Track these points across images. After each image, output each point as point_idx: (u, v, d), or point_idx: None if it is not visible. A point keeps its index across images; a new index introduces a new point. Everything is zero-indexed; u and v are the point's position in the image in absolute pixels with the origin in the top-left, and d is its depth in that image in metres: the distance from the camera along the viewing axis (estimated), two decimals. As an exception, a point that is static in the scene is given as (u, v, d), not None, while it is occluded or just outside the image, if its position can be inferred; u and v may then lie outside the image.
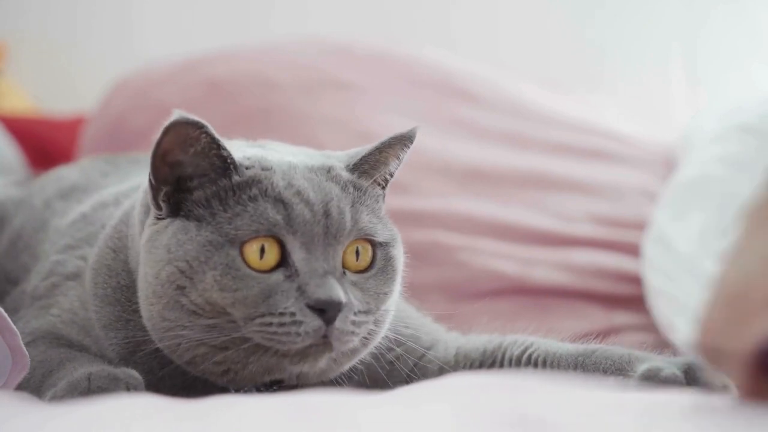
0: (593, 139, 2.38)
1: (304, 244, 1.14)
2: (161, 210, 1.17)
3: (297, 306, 1.11)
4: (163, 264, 1.14)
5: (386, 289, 1.20)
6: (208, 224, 1.14)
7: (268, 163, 1.18)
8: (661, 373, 1.15)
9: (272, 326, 1.11)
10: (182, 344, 1.15)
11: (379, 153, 1.24)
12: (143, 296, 1.18)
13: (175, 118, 1.14)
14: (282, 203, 1.14)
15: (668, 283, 1.94)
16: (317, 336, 1.12)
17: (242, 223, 1.13)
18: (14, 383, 1.19)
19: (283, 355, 1.14)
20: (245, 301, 1.12)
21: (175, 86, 2.33)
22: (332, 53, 2.48)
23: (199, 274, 1.12)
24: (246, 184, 1.15)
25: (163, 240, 1.15)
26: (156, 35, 3.09)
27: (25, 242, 1.50)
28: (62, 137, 2.55)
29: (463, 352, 1.34)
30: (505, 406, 0.96)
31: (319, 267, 1.13)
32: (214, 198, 1.15)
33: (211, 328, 1.13)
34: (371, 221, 1.20)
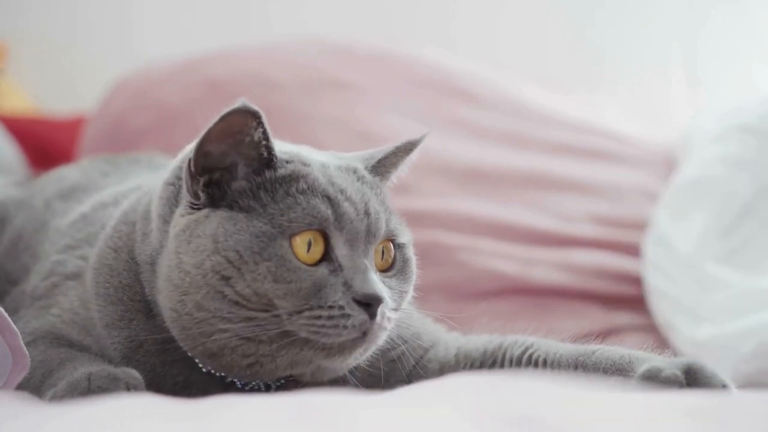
0: (593, 139, 2.38)
1: (348, 240, 1.17)
2: (198, 199, 1.17)
3: (345, 300, 1.14)
4: (208, 254, 1.14)
5: (406, 288, 1.24)
6: (258, 215, 1.14)
7: (306, 159, 1.20)
8: (661, 373, 1.15)
9: (321, 319, 1.13)
10: (214, 336, 1.15)
11: (395, 156, 1.29)
12: (171, 287, 1.17)
13: (239, 106, 1.14)
14: (329, 199, 1.17)
15: (668, 284, 1.94)
16: (362, 329, 1.15)
17: (295, 215, 1.14)
18: (14, 383, 1.19)
19: (320, 348, 1.15)
20: (298, 294, 1.13)
21: (175, 86, 2.33)
22: (332, 53, 2.48)
23: (249, 264, 1.13)
24: (291, 178, 1.17)
25: (207, 230, 1.15)
26: (156, 35, 3.09)
27: (26, 242, 1.50)
28: (62, 137, 2.55)
29: (464, 352, 1.34)
30: (506, 406, 0.96)
31: (361, 263, 1.16)
32: (260, 189, 1.16)
33: (250, 320, 1.14)
34: (396, 223, 1.24)
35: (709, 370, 1.16)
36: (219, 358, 1.18)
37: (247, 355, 1.16)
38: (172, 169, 1.22)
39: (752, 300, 1.81)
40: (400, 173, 1.32)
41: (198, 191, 1.17)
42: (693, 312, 1.87)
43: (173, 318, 1.18)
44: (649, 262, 2.00)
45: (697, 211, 2.02)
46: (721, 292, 1.86)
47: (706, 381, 1.15)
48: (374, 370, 1.27)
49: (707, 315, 1.85)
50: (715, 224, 1.99)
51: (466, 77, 2.47)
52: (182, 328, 1.17)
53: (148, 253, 1.22)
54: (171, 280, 1.17)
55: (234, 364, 1.17)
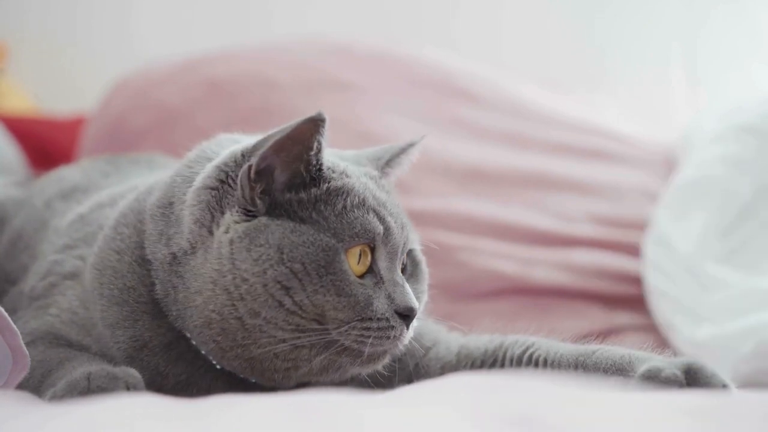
0: (593, 139, 2.38)
1: (389, 254, 1.21)
2: (255, 206, 1.18)
3: (390, 312, 1.19)
4: (273, 263, 1.15)
5: (422, 289, 1.28)
6: (323, 228, 1.17)
7: (346, 170, 1.23)
8: (661, 373, 1.15)
9: (370, 330, 1.17)
10: (262, 340, 1.16)
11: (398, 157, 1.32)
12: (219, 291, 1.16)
13: (316, 114, 1.15)
14: (376, 215, 1.20)
15: (668, 283, 1.94)
16: (400, 340, 1.20)
17: (356, 231, 1.18)
18: (14, 383, 1.19)
19: (359, 356, 1.18)
20: (354, 307, 1.17)
21: (175, 86, 2.33)
22: (332, 53, 2.48)
23: (313, 277, 1.15)
24: (343, 191, 1.19)
25: (271, 239, 1.16)
26: (156, 35, 3.09)
27: (25, 242, 1.50)
28: (63, 137, 2.55)
29: (465, 352, 1.34)
30: (506, 405, 0.96)
31: (398, 276, 1.21)
32: (319, 201, 1.18)
33: (301, 329, 1.16)
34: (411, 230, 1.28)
35: (709, 370, 1.16)
36: (257, 363, 1.19)
37: (288, 360, 1.18)
38: (210, 173, 1.21)
39: (752, 300, 1.81)
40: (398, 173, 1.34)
41: (255, 198, 1.18)
42: (693, 312, 1.87)
43: (213, 320, 1.18)
44: (649, 262, 2.00)
45: (697, 211, 2.02)
46: (721, 292, 1.86)
47: (706, 381, 1.15)
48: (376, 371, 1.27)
49: (707, 315, 1.85)
50: (715, 224, 1.99)
51: (466, 77, 2.47)
52: (222, 330, 1.18)
53: (167, 253, 1.22)
54: (220, 284, 1.17)
55: (272, 368, 1.19)
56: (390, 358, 1.23)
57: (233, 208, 1.18)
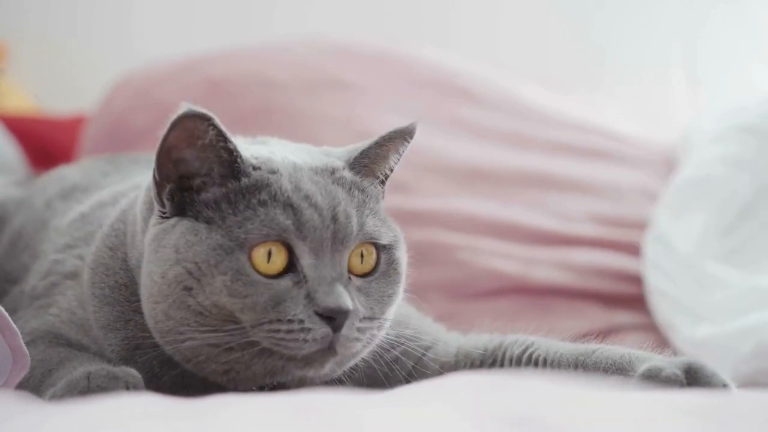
0: (593, 139, 2.38)
1: (312, 249, 1.14)
2: (165, 208, 1.16)
3: (306, 313, 1.12)
4: (171, 264, 1.14)
5: (390, 291, 1.21)
6: (218, 227, 1.13)
7: (275, 165, 1.18)
8: (661, 372, 1.15)
9: (280, 332, 1.12)
10: (186, 343, 1.15)
11: (379, 147, 1.25)
12: (147, 294, 1.17)
13: (183, 111, 1.13)
14: (291, 208, 1.14)
15: (668, 283, 1.94)
16: (325, 343, 1.13)
17: (252, 227, 1.13)
18: (14, 382, 1.19)
19: (288, 359, 1.14)
20: (255, 307, 1.12)
21: (175, 86, 2.33)
22: (333, 53, 2.48)
23: (207, 277, 1.12)
24: (255, 188, 1.15)
25: (171, 239, 1.15)
26: (156, 35, 3.09)
27: (26, 242, 1.50)
28: (63, 137, 2.55)
29: (464, 352, 1.34)
30: (506, 405, 0.96)
31: (327, 274, 1.14)
32: (223, 200, 1.15)
33: (217, 329, 1.13)
34: (375, 224, 1.20)
35: (710, 370, 1.16)
36: (197, 365, 1.17)
37: (220, 362, 1.16)
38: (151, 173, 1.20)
39: (752, 299, 1.81)
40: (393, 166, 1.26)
41: (163, 199, 1.16)
42: (693, 311, 1.87)
43: (151, 324, 1.18)
44: (649, 262, 2.00)
45: (697, 211, 2.02)
46: (721, 292, 1.86)
47: (706, 380, 1.15)
48: (373, 370, 1.27)
49: (707, 314, 1.84)
50: (715, 224, 1.99)
51: (467, 77, 2.47)
52: (159, 333, 1.17)
53: (136, 256, 1.22)
54: (145, 287, 1.17)
55: (211, 370, 1.17)
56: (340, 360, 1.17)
57: (155, 209, 1.18)
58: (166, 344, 1.17)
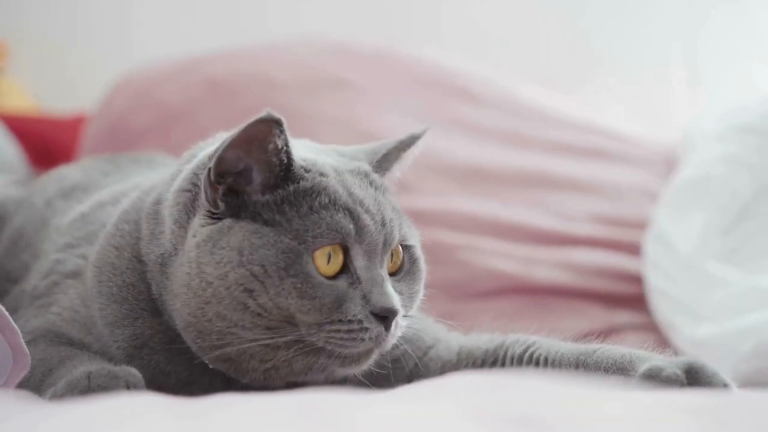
0: (594, 139, 2.38)
1: (366, 252, 1.18)
2: (217, 208, 1.17)
3: (363, 313, 1.16)
4: (233, 266, 1.14)
5: (417, 288, 1.25)
6: (284, 230, 1.15)
7: (324, 169, 1.21)
8: (662, 372, 1.15)
9: (340, 332, 1.15)
10: (234, 344, 1.15)
11: (399, 151, 1.30)
12: (191, 294, 1.16)
13: (264, 115, 1.14)
14: (350, 213, 1.17)
15: (668, 283, 1.94)
16: (379, 342, 1.17)
17: (320, 231, 1.15)
18: (15, 382, 1.19)
19: (337, 357, 1.17)
20: (321, 309, 1.14)
21: (175, 85, 2.33)
22: (333, 53, 2.48)
23: (274, 279, 1.13)
24: (313, 191, 1.17)
25: (232, 242, 1.15)
26: (156, 35, 3.08)
27: (26, 241, 1.50)
28: (63, 136, 2.55)
29: (465, 351, 1.34)
30: (507, 405, 0.95)
31: (377, 275, 1.18)
32: (284, 203, 1.16)
33: (271, 330, 1.15)
34: (407, 226, 1.25)
35: (710, 370, 1.16)
36: (237, 364, 1.18)
37: (265, 361, 1.17)
38: (186, 175, 1.21)
39: (752, 299, 1.81)
40: (402, 167, 1.32)
41: (217, 200, 1.17)
42: (693, 311, 1.87)
43: (190, 323, 1.18)
44: (650, 262, 2.00)
45: (698, 211, 2.02)
46: (721, 291, 1.86)
47: (707, 380, 1.15)
48: (375, 370, 1.27)
49: (707, 314, 1.84)
50: (715, 224, 1.99)
51: (467, 77, 2.47)
52: (199, 333, 1.17)
53: (158, 254, 1.22)
54: (191, 288, 1.17)
55: (251, 368, 1.18)
56: (377, 357, 1.21)
57: (200, 210, 1.18)
58: (207, 344, 1.17)
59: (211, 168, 1.16)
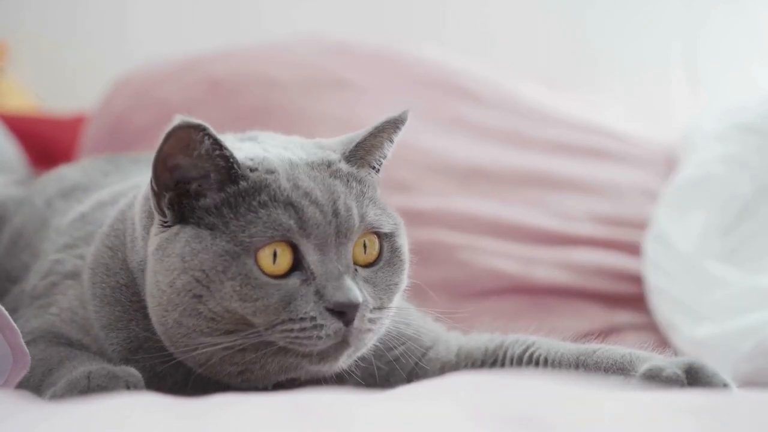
0: (594, 138, 2.38)
1: (317, 246, 1.14)
2: (165, 217, 1.16)
3: (317, 310, 1.12)
4: (178, 273, 1.13)
5: (396, 279, 1.21)
6: (222, 233, 1.13)
7: (272, 165, 1.18)
8: (662, 372, 1.15)
9: (294, 332, 1.12)
10: (199, 349, 1.15)
11: (373, 138, 1.25)
12: (155, 303, 1.17)
13: (177, 123, 1.13)
14: (292, 207, 1.14)
15: (668, 282, 1.94)
16: (338, 337, 1.13)
17: (256, 230, 1.13)
18: (15, 382, 1.19)
19: (303, 356, 1.15)
20: (266, 310, 1.12)
21: (175, 85, 2.33)
22: (333, 52, 2.47)
23: (216, 283, 1.12)
24: (254, 190, 1.15)
25: (176, 248, 1.14)
26: (155, 34, 3.08)
27: (26, 241, 1.50)
28: (63, 136, 2.55)
29: (465, 351, 1.34)
30: (506, 405, 0.95)
31: (333, 268, 1.14)
32: (224, 205, 1.14)
33: (230, 333, 1.13)
34: (376, 213, 1.20)
35: (710, 370, 1.16)
36: (211, 368, 1.17)
37: (235, 364, 1.16)
38: (149, 182, 1.19)
39: (752, 299, 1.81)
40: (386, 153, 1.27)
41: (163, 208, 1.16)
42: (693, 311, 1.87)
43: (160, 330, 1.18)
44: (649, 261, 2.00)
45: (698, 211, 2.02)
46: (721, 291, 1.86)
47: (707, 380, 1.15)
48: (374, 370, 1.27)
49: (707, 314, 1.84)
50: (715, 223, 1.99)
51: (467, 76, 2.46)
52: (169, 339, 1.17)
53: (137, 260, 1.22)
54: (153, 296, 1.17)
55: (225, 372, 1.17)
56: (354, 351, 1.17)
57: (156, 218, 1.17)
58: (179, 351, 1.17)
59: (152, 178, 1.16)
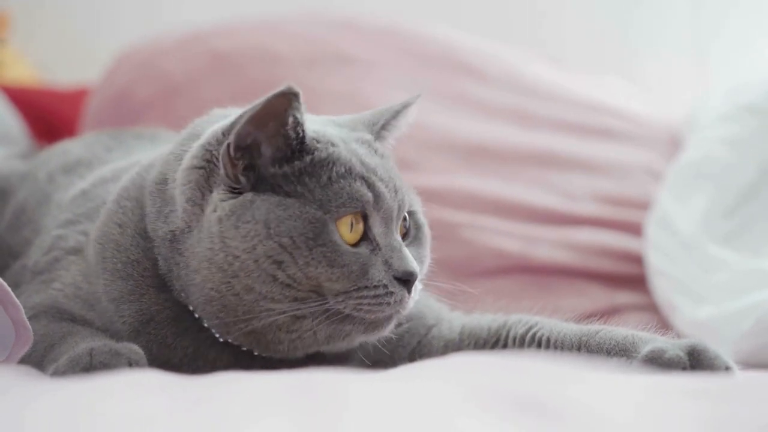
0: (599, 117, 2.37)
1: (383, 219, 1.20)
2: (239, 183, 1.17)
3: (388, 278, 1.18)
4: (261, 239, 1.15)
5: (424, 253, 1.28)
6: (308, 201, 1.16)
7: (332, 139, 1.22)
8: (664, 355, 1.15)
9: (368, 299, 1.17)
10: (262, 314, 1.17)
11: (396, 119, 1.32)
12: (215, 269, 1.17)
13: (284, 89, 1.14)
14: (365, 181, 1.19)
15: (669, 264, 1.93)
16: (402, 305, 1.19)
17: (343, 200, 1.17)
18: (17, 357, 1.19)
19: (362, 323, 1.19)
20: (349, 276, 1.16)
21: (179, 58, 2.32)
22: (338, 27, 2.46)
23: (303, 250, 1.15)
24: (329, 161, 1.19)
25: (257, 215, 1.15)
26: (160, 7, 3.07)
27: (28, 216, 1.50)
28: (66, 108, 2.54)
29: (468, 330, 1.34)
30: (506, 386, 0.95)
31: (395, 241, 1.21)
32: (303, 174, 1.17)
33: (299, 300, 1.16)
34: (411, 193, 1.29)
35: (713, 352, 1.16)
36: (261, 336, 1.19)
37: (291, 331, 1.19)
38: (196, 152, 1.21)
39: (753, 280, 1.80)
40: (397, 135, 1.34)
41: (238, 175, 1.18)
42: (694, 293, 1.86)
43: (213, 297, 1.18)
44: (651, 243, 1.99)
45: (700, 192, 2.00)
46: (721, 273, 1.85)
47: (709, 363, 1.15)
48: (378, 348, 1.27)
49: (708, 296, 1.84)
50: (717, 205, 1.98)
51: (473, 53, 2.44)
52: (223, 307, 1.18)
53: (166, 230, 1.22)
54: (214, 262, 1.17)
55: (276, 340, 1.20)
56: (396, 321, 1.23)
57: (219, 186, 1.18)
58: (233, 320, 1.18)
59: (230, 143, 1.17)
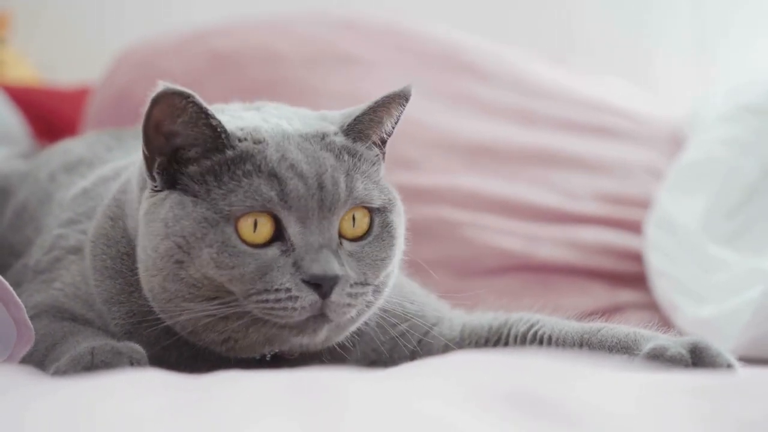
0: (601, 116, 2.36)
1: (299, 218, 1.14)
2: (156, 182, 1.17)
3: (293, 281, 1.12)
4: (161, 238, 1.14)
5: (383, 255, 1.20)
6: (203, 200, 1.14)
7: (261, 135, 1.18)
8: (666, 352, 1.15)
9: (269, 302, 1.12)
10: (183, 315, 1.15)
11: (374, 113, 1.23)
12: (143, 267, 1.18)
13: (161, 89, 1.13)
14: (276, 178, 1.14)
15: (670, 264, 1.93)
16: (314, 310, 1.13)
17: (236, 199, 1.13)
18: (19, 356, 1.19)
19: (281, 327, 1.15)
20: (242, 278, 1.12)
21: (180, 57, 2.32)
22: (339, 27, 2.46)
23: (195, 250, 1.13)
24: (240, 159, 1.15)
25: (161, 213, 1.15)
26: (161, 6, 3.07)
27: (30, 215, 1.50)
28: (67, 108, 2.54)
29: (469, 329, 1.34)
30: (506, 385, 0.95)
31: (314, 241, 1.14)
32: (209, 173, 1.15)
33: (211, 300, 1.14)
34: (366, 188, 1.19)
35: (715, 350, 1.16)
36: (196, 335, 1.18)
37: (218, 331, 1.16)
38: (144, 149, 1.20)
39: (753, 280, 1.79)
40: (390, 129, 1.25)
41: (153, 173, 1.17)
42: (694, 293, 1.86)
43: (150, 297, 1.19)
44: (651, 243, 1.99)
45: (701, 192, 2.00)
46: (722, 273, 1.85)
47: (711, 360, 1.15)
48: (378, 346, 1.27)
49: (708, 296, 1.83)
50: (718, 205, 1.97)
51: (474, 52, 2.44)
52: (157, 305, 1.18)
53: (133, 226, 1.23)
54: (140, 261, 1.18)
55: (210, 340, 1.18)
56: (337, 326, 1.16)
57: (148, 184, 1.19)
58: (165, 316, 1.18)
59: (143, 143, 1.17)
